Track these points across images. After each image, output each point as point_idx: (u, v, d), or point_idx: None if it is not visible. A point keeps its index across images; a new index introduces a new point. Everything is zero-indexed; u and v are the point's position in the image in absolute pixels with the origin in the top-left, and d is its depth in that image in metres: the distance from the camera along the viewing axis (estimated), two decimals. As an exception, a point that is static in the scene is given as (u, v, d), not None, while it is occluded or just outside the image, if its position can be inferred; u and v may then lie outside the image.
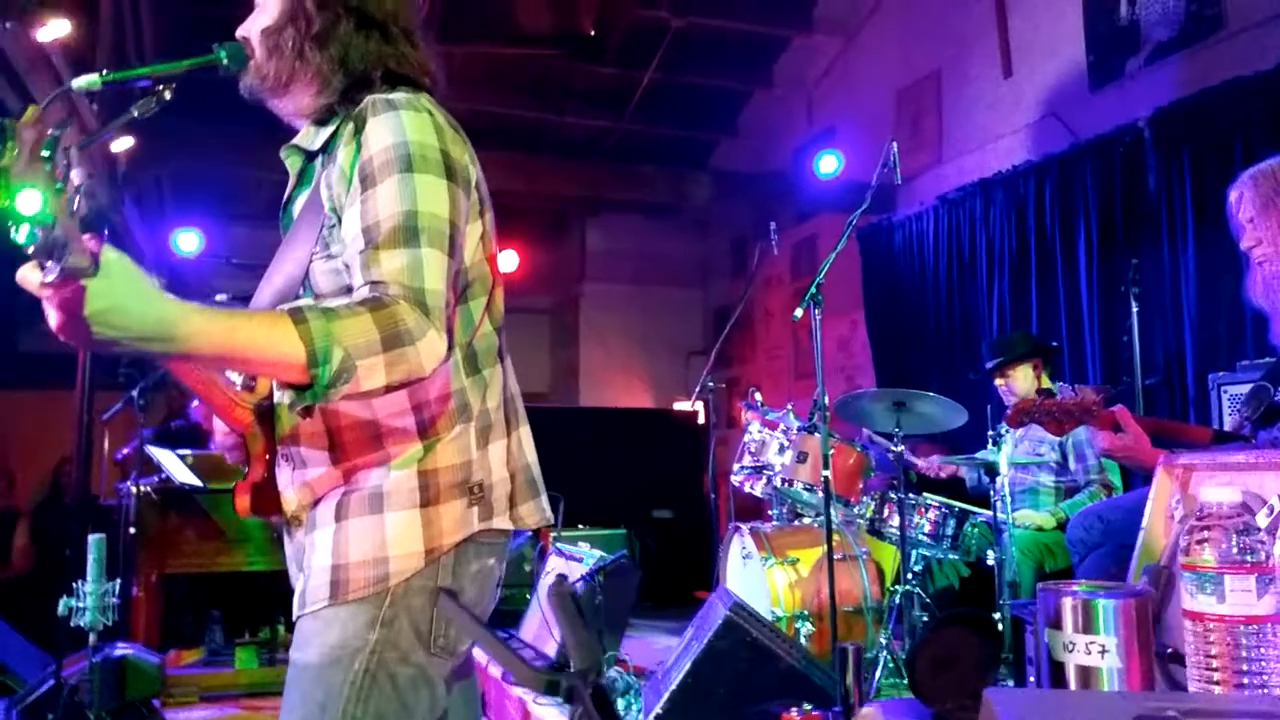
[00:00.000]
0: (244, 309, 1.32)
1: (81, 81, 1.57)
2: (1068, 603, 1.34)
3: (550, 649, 4.20)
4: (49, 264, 1.04)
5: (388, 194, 1.39)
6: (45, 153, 1.02)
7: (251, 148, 6.39)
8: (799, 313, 3.88)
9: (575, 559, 4.46)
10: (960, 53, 6.91)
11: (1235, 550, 1.22)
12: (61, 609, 3.19)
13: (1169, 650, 1.46)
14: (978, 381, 4.99)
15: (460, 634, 1.51)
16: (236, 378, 1.51)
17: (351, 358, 1.25)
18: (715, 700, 2.96)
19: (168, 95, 1.65)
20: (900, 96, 7.62)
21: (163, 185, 7.73)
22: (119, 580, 3.31)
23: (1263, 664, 1.21)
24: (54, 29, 3.75)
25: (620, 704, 3.55)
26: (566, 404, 10.56)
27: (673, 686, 3.01)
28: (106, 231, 1.16)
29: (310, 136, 1.60)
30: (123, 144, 5.14)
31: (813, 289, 3.90)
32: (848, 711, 2.56)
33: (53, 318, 1.13)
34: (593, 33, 8.14)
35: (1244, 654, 1.20)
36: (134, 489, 4.65)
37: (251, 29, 1.60)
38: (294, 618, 1.51)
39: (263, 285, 1.59)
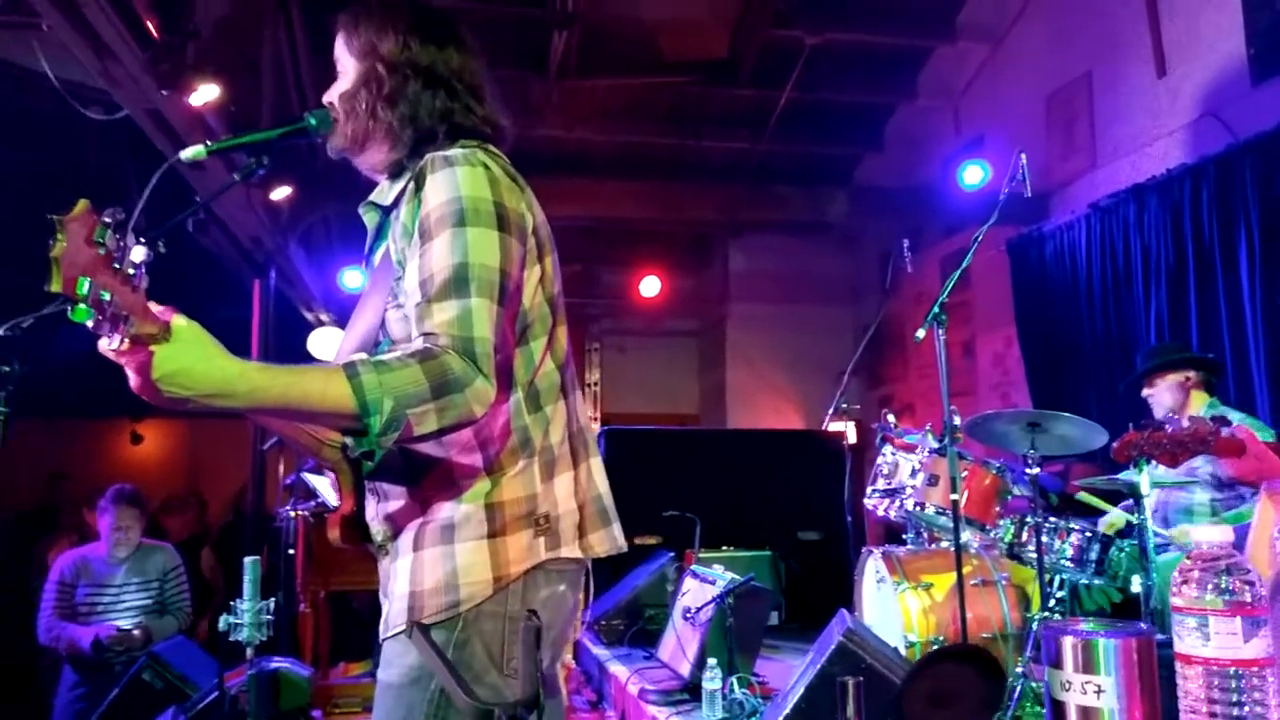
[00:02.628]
0: (304, 365, 1.43)
1: (189, 153, 1.75)
2: (1067, 641, 1.31)
3: (685, 669, 4.24)
4: (113, 335, 1.18)
5: (441, 248, 1.50)
6: (99, 240, 1.16)
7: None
8: (921, 333, 3.83)
9: (708, 581, 4.49)
10: (1111, 53, 6.63)
11: (1219, 592, 1.16)
12: (222, 625, 3.45)
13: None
14: (1134, 398, 4.76)
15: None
16: None
17: (401, 407, 1.36)
18: (829, 727, 2.94)
19: (265, 160, 1.81)
20: (1050, 101, 7.35)
21: (330, 226, 8.20)
22: (274, 599, 3.55)
23: (1250, 709, 1.14)
24: (204, 94, 4.11)
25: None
26: (716, 425, 10.59)
27: (787, 710, 3.02)
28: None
29: (385, 192, 1.73)
30: (281, 193, 5.50)
31: (935, 309, 3.84)
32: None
33: (131, 380, 1.27)
34: (727, 56, 8.19)
35: (1231, 698, 1.14)
36: (291, 513, 4.94)
37: (333, 95, 1.75)
38: (380, 640, 1.62)
39: (347, 331, 1.73)
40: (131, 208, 1.28)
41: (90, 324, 1.17)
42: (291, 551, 4.85)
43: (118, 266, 1.18)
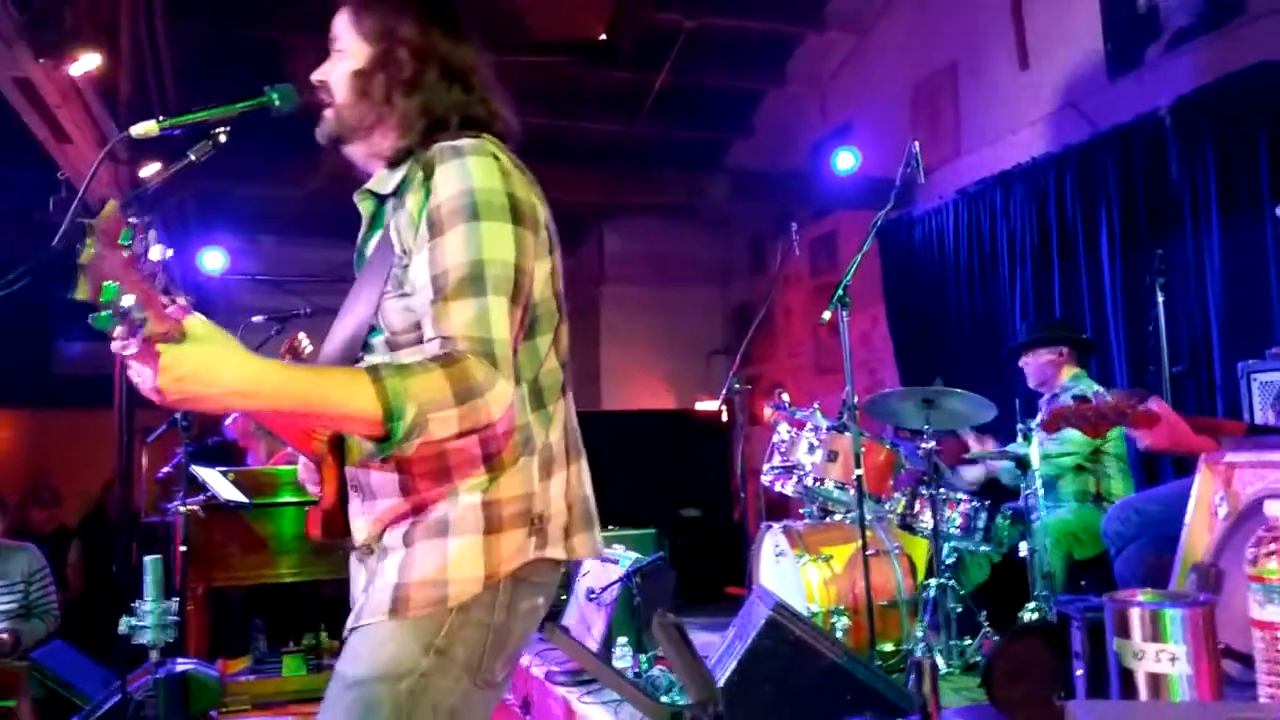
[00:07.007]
0: (325, 365, 1.41)
1: (140, 129, 1.65)
2: (1135, 613, 1.39)
3: (592, 648, 4.25)
4: (130, 340, 1.14)
5: (455, 243, 1.45)
6: (124, 241, 1.12)
7: (273, 167, 6.48)
8: (827, 315, 3.94)
9: (611, 560, 4.50)
10: (976, 45, 6.92)
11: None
12: (122, 627, 3.27)
13: (1222, 646, 1.51)
14: (1006, 374, 5.02)
15: (503, 667, 1.55)
16: None
17: (424, 413, 1.33)
18: (761, 698, 3.01)
19: (222, 138, 1.72)
20: (916, 91, 7.63)
21: (186, 207, 7.81)
22: (177, 598, 3.37)
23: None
24: (85, 63, 3.82)
25: (665, 700, 3.60)
26: (590, 407, 10.61)
27: (719, 686, 3.06)
28: (192, 300, 1.24)
29: (383, 180, 1.64)
30: (150, 169, 5.21)
31: (840, 291, 3.96)
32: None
33: (146, 379, 1.21)
34: (604, 38, 8.15)
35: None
36: (181, 508, 4.73)
37: (332, 74, 1.65)
38: (345, 632, 1.56)
39: (336, 324, 1.65)
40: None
41: (111, 331, 1.13)
42: (184, 549, 4.61)
43: (140, 268, 1.14)
